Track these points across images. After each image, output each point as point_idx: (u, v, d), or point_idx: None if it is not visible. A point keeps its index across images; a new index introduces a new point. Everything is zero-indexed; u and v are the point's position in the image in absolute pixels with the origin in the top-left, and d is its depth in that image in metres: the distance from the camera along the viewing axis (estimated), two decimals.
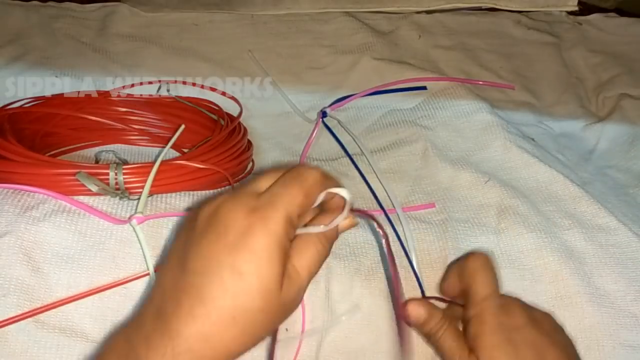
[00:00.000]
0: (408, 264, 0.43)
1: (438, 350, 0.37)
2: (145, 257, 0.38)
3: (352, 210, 0.33)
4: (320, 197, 0.31)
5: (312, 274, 0.31)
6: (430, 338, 0.37)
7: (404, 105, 0.59)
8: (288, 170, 0.31)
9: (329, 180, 0.32)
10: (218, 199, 0.30)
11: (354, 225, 0.33)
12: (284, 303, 0.29)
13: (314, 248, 0.31)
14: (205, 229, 0.29)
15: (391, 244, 0.44)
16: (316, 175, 0.31)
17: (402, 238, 0.44)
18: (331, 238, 0.32)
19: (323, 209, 0.33)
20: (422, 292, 0.42)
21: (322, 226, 0.31)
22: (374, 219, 0.36)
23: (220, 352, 0.27)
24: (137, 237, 0.39)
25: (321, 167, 0.41)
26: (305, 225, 0.32)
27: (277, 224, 0.28)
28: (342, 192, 0.32)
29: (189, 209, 0.42)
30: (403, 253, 0.43)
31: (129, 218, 0.39)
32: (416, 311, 0.37)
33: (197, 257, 0.28)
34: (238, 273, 0.27)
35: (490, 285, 0.36)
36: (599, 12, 0.77)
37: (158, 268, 0.38)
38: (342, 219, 0.32)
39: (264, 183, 0.31)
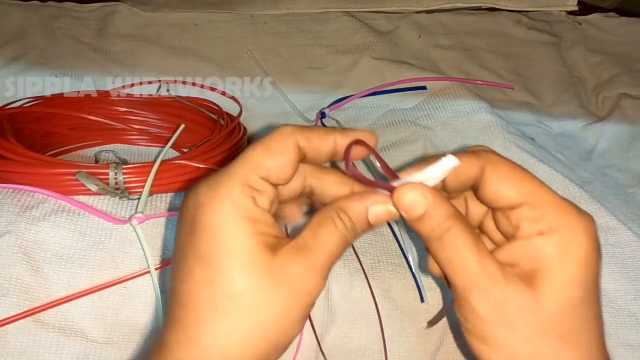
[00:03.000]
0: (406, 264, 0.43)
1: (443, 264, 0.26)
2: (146, 257, 0.38)
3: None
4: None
5: (330, 252, 0.26)
6: (432, 243, 0.26)
7: (404, 105, 0.59)
8: None
9: (304, 130, 0.27)
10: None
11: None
12: (290, 281, 0.24)
13: (332, 223, 0.26)
14: (178, 219, 0.26)
15: (389, 245, 0.44)
16: (281, 129, 0.26)
17: (400, 239, 0.44)
18: (357, 215, 0.27)
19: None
20: (421, 294, 0.42)
21: (420, 173, 0.26)
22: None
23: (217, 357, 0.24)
24: (138, 237, 0.39)
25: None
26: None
27: (227, 189, 0.24)
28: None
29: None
30: (401, 254, 0.43)
31: (130, 218, 0.39)
32: (411, 194, 0.26)
33: (174, 251, 0.26)
34: (199, 258, 0.24)
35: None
36: (599, 12, 0.77)
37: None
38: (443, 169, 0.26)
39: None
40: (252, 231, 0.24)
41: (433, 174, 0.26)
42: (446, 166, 0.26)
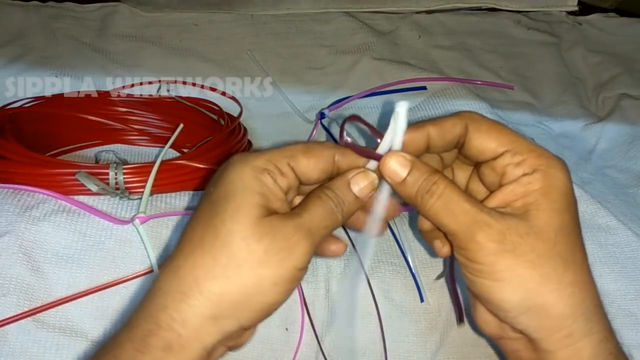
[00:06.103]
0: (405, 264, 0.43)
1: (438, 213, 0.28)
2: (149, 257, 0.38)
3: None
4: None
5: (316, 219, 0.28)
6: (423, 198, 0.29)
7: None
8: None
9: (341, 147, 0.30)
10: None
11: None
12: (277, 237, 0.26)
13: (318, 197, 0.29)
14: None
15: (389, 245, 0.44)
16: (326, 142, 0.30)
17: (399, 238, 0.44)
18: (344, 197, 0.29)
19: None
20: (421, 294, 0.42)
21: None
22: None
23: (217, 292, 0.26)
24: (140, 236, 0.39)
25: None
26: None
27: (255, 158, 0.28)
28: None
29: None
30: (401, 254, 0.43)
31: (132, 218, 0.39)
32: (392, 160, 0.29)
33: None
34: (210, 201, 0.27)
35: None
36: (599, 12, 0.77)
37: None
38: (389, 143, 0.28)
39: None
40: (258, 191, 0.27)
41: (396, 126, 0.28)
42: (400, 112, 0.28)
